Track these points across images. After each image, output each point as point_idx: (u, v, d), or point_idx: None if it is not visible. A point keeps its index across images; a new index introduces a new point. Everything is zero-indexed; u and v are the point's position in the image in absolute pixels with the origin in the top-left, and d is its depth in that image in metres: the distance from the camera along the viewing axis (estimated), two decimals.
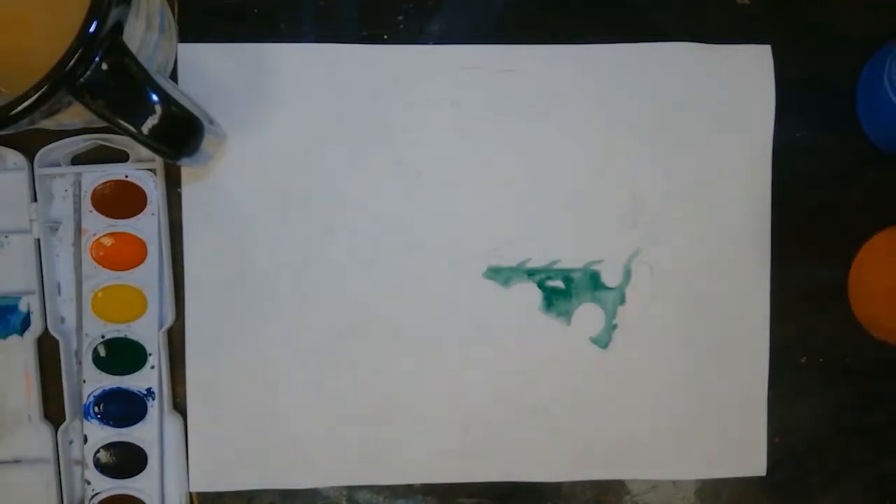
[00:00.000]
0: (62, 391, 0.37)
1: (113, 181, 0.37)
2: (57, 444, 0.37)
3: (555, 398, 0.38)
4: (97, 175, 0.37)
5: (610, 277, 0.38)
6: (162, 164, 0.37)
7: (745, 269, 0.39)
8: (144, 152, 0.38)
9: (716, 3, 0.39)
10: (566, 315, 0.38)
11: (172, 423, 0.38)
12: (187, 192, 0.38)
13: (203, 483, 0.38)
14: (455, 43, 0.38)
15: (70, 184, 0.38)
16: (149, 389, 0.38)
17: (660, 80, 0.38)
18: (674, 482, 0.39)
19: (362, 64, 0.38)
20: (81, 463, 0.38)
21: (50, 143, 0.36)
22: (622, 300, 0.38)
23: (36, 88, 0.26)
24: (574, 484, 0.39)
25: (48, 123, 0.30)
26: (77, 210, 0.38)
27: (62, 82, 0.26)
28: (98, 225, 0.37)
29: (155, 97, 0.29)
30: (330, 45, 0.38)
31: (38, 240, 0.37)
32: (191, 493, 0.38)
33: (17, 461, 0.38)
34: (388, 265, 0.38)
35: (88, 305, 0.37)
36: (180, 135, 0.30)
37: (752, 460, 0.39)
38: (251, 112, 0.38)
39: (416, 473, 0.37)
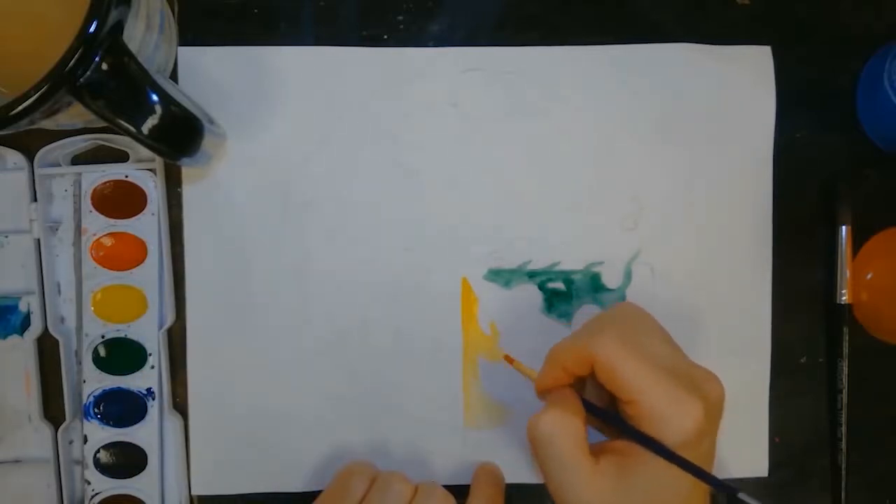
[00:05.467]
0: (62, 391, 0.37)
1: (113, 181, 0.37)
2: (57, 444, 0.37)
3: None
4: (97, 175, 0.37)
5: (611, 279, 0.38)
6: (162, 164, 0.37)
7: (747, 270, 0.39)
8: (144, 152, 0.38)
9: (716, 3, 0.39)
10: (567, 316, 0.38)
11: (172, 423, 0.38)
12: (187, 192, 0.38)
13: (204, 486, 0.38)
14: (455, 43, 0.38)
15: (70, 184, 0.38)
16: (149, 389, 0.38)
17: (660, 81, 0.38)
18: None
19: (362, 66, 0.38)
20: (81, 463, 0.38)
21: (50, 143, 0.36)
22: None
23: (36, 88, 0.26)
24: None
25: (48, 123, 0.30)
26: (77, 210, 0.38)
27: (62, 82, 0.26)
28: (98, 225, 0.37)
29: (155, 97, 0.29)
30: (330, 47, 0.38)
31: (38, 240, 0.37)
32: (191, 496, 0.38)
33: (17, 461, 0.38)
34: (389, 267, 0.38)
35: (88, 305, 0.37)
36: (180, 135, 0.30)
37: (753, 461, 0.39)
38: (251, 113, 0.38)
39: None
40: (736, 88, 0.38)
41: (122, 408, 0.37)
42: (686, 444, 0.29)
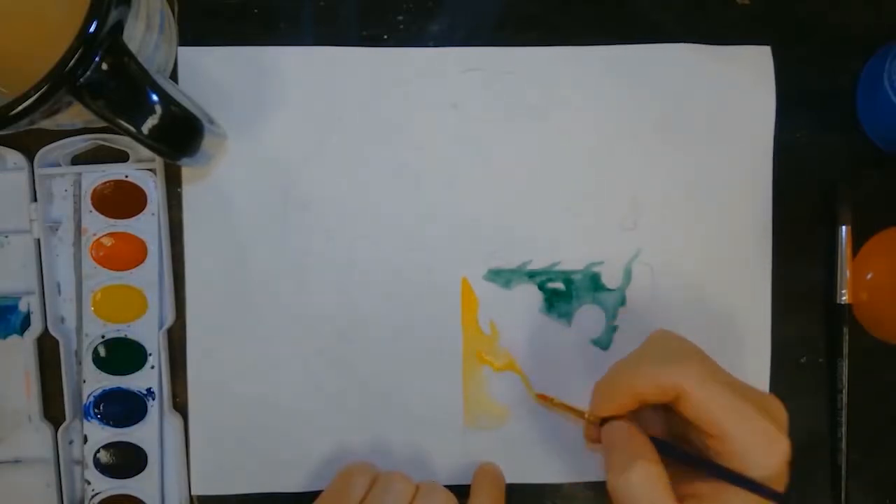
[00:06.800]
0: (62, 391, 0.37)
1: (113, 181, 0.37)
2: (57, 444, 0.37)
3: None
4: (97, 175, 0.37)
5: (610, 279, 0.38)
6: (162, 164, 0.37)
7: (747, 270, 0.39)
8: (144, 152, 0.38)
9: (716, 3, 0.39)
10: (567, 316, 0.38)
11: (172, 423, 0.38)
12: (187, 192, 0.38)
13: (204, 486, 0.38)
14: (455, 43, 0.38)
15: (70, 184, 0.38)
16: (149, 389, 0.38)
17: (660, 81, 0.38)
18: None
19: (362, 66, 0.38)
20: (81, 463, 0.38)
21: (50, 143, 0.36)
22: (623, 301, 0.38)
23: (36, 88, 0.26)
24: (574, 485, 0.39)
25: (48, 123, 0.30)
26: (77, 210, 0.38)
27: (62, 82, 0.26)
28: (98, 225, 0.37)
29: (155, 97, 0.29)
30: (330, 47, 0.38)
31: (38, 240, 0.37)
32: (191, 496, 0.38)
33: (17, 461, 0.38)
34: (388, 267, 0.38)
35: (88, 305, 0.37)
36: (180, 135, 0.30)
37: None
38: (251, 114, 0.38)
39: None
40: (736, 88, 0.38)
41: (122, 408, 0.37)
42: (772, 479, 0.29)
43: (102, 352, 0.37)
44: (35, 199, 0.37)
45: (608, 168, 0.38)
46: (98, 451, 0.37)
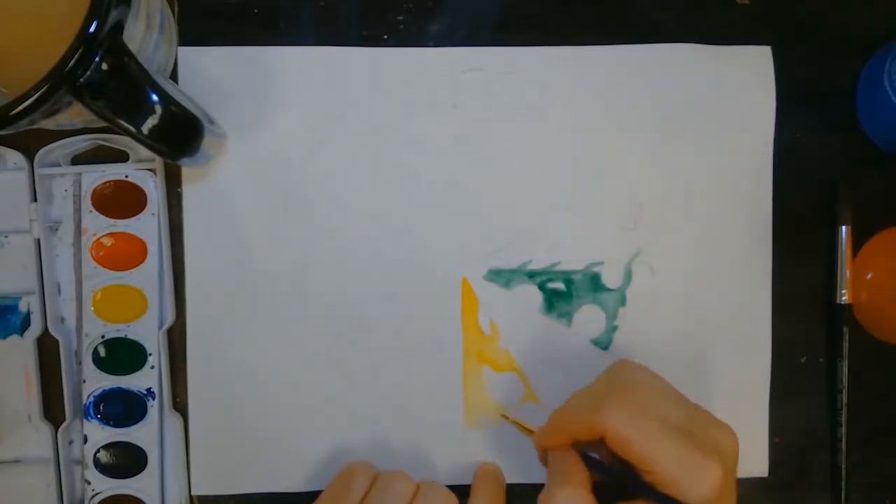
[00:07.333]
0: (62, 391, 0.37)
1: (113, 181, 0.37)
2: (57, 444, 0.37)
3: (556, 400, 0.38)
4: (97, 175, 0.37)
5: (611, 279, 0.38)
6: (162, 164, 0.37)
7: (747, 270, 0.39)
8: (144, 152, 0.38)
9: (716, 3, 0.39)
10: (567, 317, 0.38)
11: (172, 423, 0.38)
12: (187, 192, 0.38)
13: (204, 486, 0.38)
14: (455, 43, 0.38)
15: (70, 184, 0.38)
16: (149, 389, 0.38)
17: (660, 82, 0.38)
18: None
19: (362, 66, 0.38)
20: (81, 463, 0.38)
21: (50, 143, 0.37)
22: (623, 301, 0.38)
23: (36, 88, 0.26)
24: None
25: (48, 123, 0.30)
26: (77, 210, 0.38)
27: (62, 82, 0.26)
28: (98, 225, 0.37)
29: (155, 97, 0.29)
30: (330, 47, 0.38)
31: (38, 240, 0.37)
32: (191, 496, 0.38)
33: (17, 461, 0.38)
34: (389, 267, 0.38)
35: (88, 305, 0.37)
36: (180, 135, 0.30)
37: (754, 461, 0.39)
38: (251, 114, 0.38)
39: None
40: (736, 88, 0.38)
41: (122, 408, 0.38)
42: (708, 502, 0.29)
43: (102, 352, 0.37)
44: (35, 199, 0.37)
45: (608, 168, 0.38)
46: (98, 451, 0.37)
